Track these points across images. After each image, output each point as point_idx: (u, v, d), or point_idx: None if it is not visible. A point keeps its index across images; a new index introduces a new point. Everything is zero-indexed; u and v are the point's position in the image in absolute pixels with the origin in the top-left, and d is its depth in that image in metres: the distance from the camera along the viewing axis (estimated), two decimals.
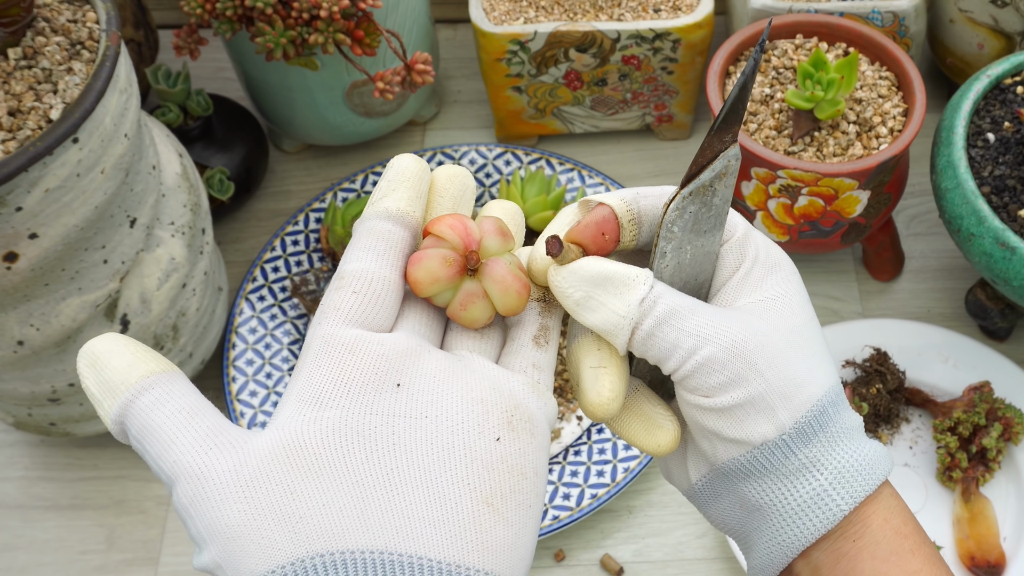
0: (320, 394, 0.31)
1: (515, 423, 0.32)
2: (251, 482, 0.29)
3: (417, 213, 0.35)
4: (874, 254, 0.78)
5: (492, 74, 0.81)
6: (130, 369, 0.32)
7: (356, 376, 0.31)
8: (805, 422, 0.34)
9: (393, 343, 0.32)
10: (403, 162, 0.35)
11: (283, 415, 0.31)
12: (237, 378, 0.74)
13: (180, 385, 0.32)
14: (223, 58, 0.94)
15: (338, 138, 0.85)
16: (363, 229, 0.34)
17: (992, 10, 0.78)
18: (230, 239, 0.84)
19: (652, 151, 0.88)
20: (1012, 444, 0.69)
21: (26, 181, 0.50)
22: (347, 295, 0.33)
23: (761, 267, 0.36)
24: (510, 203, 0.38)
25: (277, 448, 0.30)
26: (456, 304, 0.34)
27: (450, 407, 0.32)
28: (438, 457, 0.31)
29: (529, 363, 0.34)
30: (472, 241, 0.34)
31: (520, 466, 0.32)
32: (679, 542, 0.69)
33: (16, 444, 0.75)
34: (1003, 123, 0.67)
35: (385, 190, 0.35)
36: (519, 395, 0.33)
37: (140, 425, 0.31)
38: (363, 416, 0.31)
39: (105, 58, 0.53)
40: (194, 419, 0.31)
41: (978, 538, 0.66)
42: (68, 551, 0.70)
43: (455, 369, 0.33)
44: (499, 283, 0.34)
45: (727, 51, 0.70)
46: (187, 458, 0.30)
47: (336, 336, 0.32)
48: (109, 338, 0.33)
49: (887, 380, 0.71)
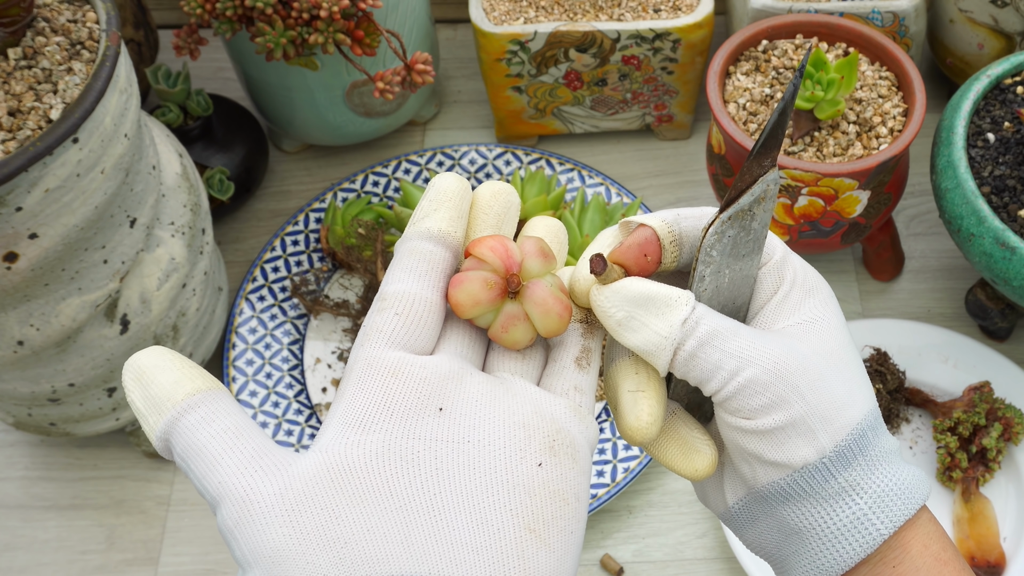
0: (363, 417, 0.31)
1: (557, 448, 0.32)
2: (296, 505, 0.29)
3: (459, 233, 0.35)
4: (874, 254, 0.78)
5: (492, 74, 0.81)
6: (176, 386, 0.32)
7: (399, 400, 0.31)
8: (845, 445, 0.34)
9: (435, 366, 0.32)
10: (445, 181, 0.35)
11: (327, 437, 0.31)
12: (237, 378, 0.74)
13: (226, 404, 0.32)
14: (223, 58, 0.94)
15: (338, 138, 0.85)
16: (405, 249, 0.34)
17: (992, 10, 0.78)
18: (230, 239, 0.84)
19: (652, 151, 0.88)
20: (1012, 444, 0.69)
21: (26, 181, 0.50)
22: (389, 317, 0.33)
23: (799, 290, 0.36)
24: (553, 220, 0.38)
25: (322, 471, 0.30)
26: (498, 326, 0.34)
27: (492, 431, 0.32)
28: (480, 482, 0.31)
29: (571, 385, 0.34)
30: (513, 263, 0.34)
31: (562, 491, 0.32)
32: (679, 542, 0.69)
33: (16, 444, 0.75)
34: (1003, 123, 0.67)
35: (427, 210, 0.35)
36: (561, 419, 0.33)
37: (185, 444, 0.31)
38: (406, 440, 0.31)
39: (105, 58, 0.53)
40: (239, 440, 0.31)
41: (978, 538, 0.66)
42: (68, 551, 0.70)
43: (497, 393, 0.33)
44: (540, 306, 0.34)
45: (727, 51, 0.70)
46: (232, 480, 0.30)
47: (379, 358, 0.32)
48: (156, 352, 0.33)
49: (887, 380, 0.71)
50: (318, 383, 0.75)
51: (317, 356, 0.76)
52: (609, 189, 0.82)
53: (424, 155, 0.84)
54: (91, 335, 0.61)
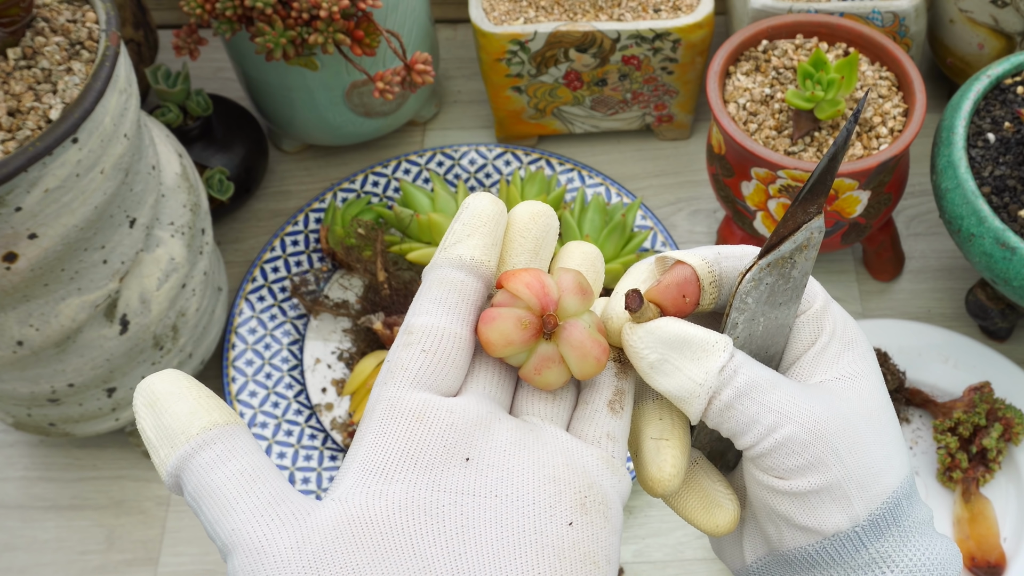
0: (386, 465, 0.29)
1: (588, 505, 0.30)
2: (314, 561, 0.28)
3: (492, 262, 0.33)
4: (874, 254, 0.78)
5: (492, 74, 0.81)
6: (192, 418, 0.30)
7: (424, 447, 0.30)
8: (879, 515, 0.32)
9: (463, 411, 0.30)
10: (480, 203, 0.33)
11: (346, 484, 0.29)
12: (237, 378, 0.73)
13: (243, 441, 0.30)
14: (223, 58, 0.94)
15: (338, 138, 0.85)
16: (434, 278, 0.32)
17: (992, 10, 0.78)
18: (230, 239, 0.84)
19: (652, 151, 0.88)
20: (1012, 444, 0.69)
21: (26, 181, 0.50)
22: (415, 353, 0.31)
23: (838, 343, 0.34)
24: (590, 247, 0.35)
25: (342, 523, 0.28)
26: (530, 368, 0.32)
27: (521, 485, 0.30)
28: (508, 542, 0.29)
29: (603, 433, 0.32)
30: (550, 303, 0.31)
31: (592, 553, 0.30)
32: (679, 542, 0.69)
33: (16, 444, 0.75)
34: (1003, 123, 0.67)
35: (459, 235, 0.33)
36: (593, 472, 0.31)
37: (197, 483, 0.29)
38: (431, 492, 0.29)
39: (105, 58, 0.53)
40: (256, 483, 0.29)
41: (978, 538, 0.66)
42: (68, 551, 0.70)
43: (526, 441, 0.31)
44: (578, 349, 0.32)
45: (727, 51, 0.70)
46: (247, 527, 0.28)
47: (403, 400, 0.30)
48: (171, 377, 0.31)
49: (887, 380, 0.71)
50: (318, 383, 0.75)
51: (317, 356, 0.76)
52: (609, 189, 0.82)
53: (424, 155, 0.84)
54: (91, 335, 0.60)
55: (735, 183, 0.70)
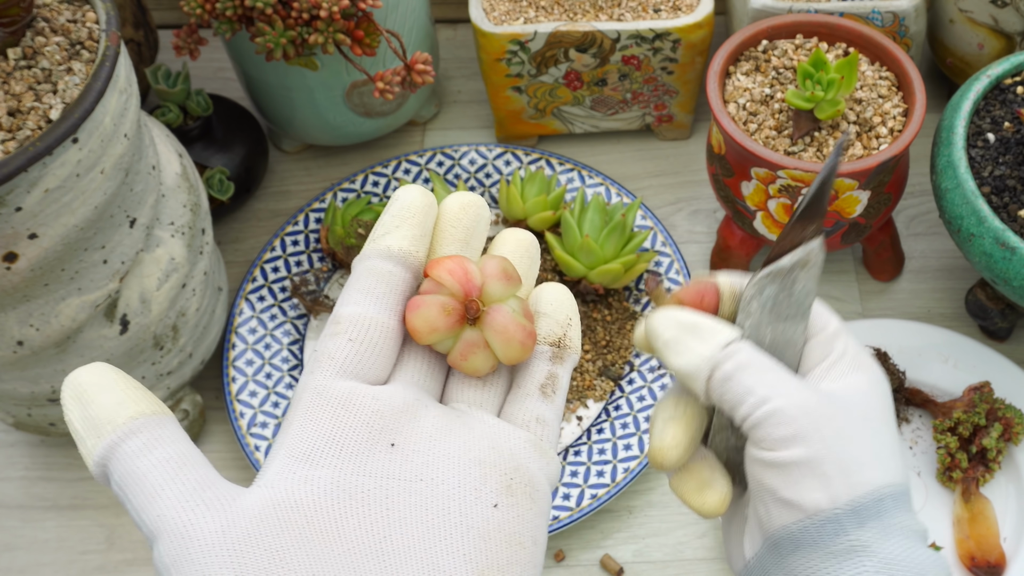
0: (311, 451, 0.30)
1: (514, 487, 0.31)
2: (239, 545, 0.28)
3: (421, 253, 0.33)
4: (874, 254, 0.78)
5: (492, 74, 0.81)
6: (118, 408, 0.30)
7: (349, 434, 0.30)
8: (861, 504, 0.33)
9: (388, 398, 0.31)
10: (409, 195, 0.33)
11: (272, 470, 0.30)
12: (237, 378, 0.74)
13: (170, 430, 0.30)
14: (223, 58, 0.94)
15: (338, 138, 0.85)
16: (362, 269, 0.33)
17: (992, 10, 0.78)
18: (230, 239, 0.84)
19: (652, 151, 0.88)
20: (1012, 444, 0.69)
21: (26, 181, 0.50)
22: (342, 343, 0.31)
23: (848, 363, 0.36)
24: (525, 234, 0.36)
25: (267, 508, 0.29)
26: (456, 354, 0.32)
27: (446, 469, 0.30)
28: (433, 524, 0.29)
29: (533, 416, 0.33)
30: (473, 288, 0.32)
31: (518, 534, 0.30)
32: (679, 542, 0.69)
33: (16, 444, 0.75)
34: (1003, 123, 0.67)
35: (388, 226, 0.33)
36: (520, 455, 0.31)
37: (123, 471, 0.29)
38: (356, 477, 0.29)
39: (105, 58, 0.53)
40: (182, 470, 0.29)
41: (978, 538, 0.66)
42: (68, 551, 0.70)
43: (453, 427, 0.31)
44: (501, 333, 0.32)
45: (727, 51, 0.70)
46: (172, 513, 0.29)
47: (329, 388, 0.31)
48: (99, 369, 0.31)
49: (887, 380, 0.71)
50: None
51: None
52: (609, 189, 0.82)
53: (424, 155, 0.84)
54: (91, 335, 0.61)
55: (735, 183, 0.70)
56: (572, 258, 0.75)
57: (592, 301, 0.77)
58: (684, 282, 0.75)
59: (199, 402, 0.73)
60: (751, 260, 0.78)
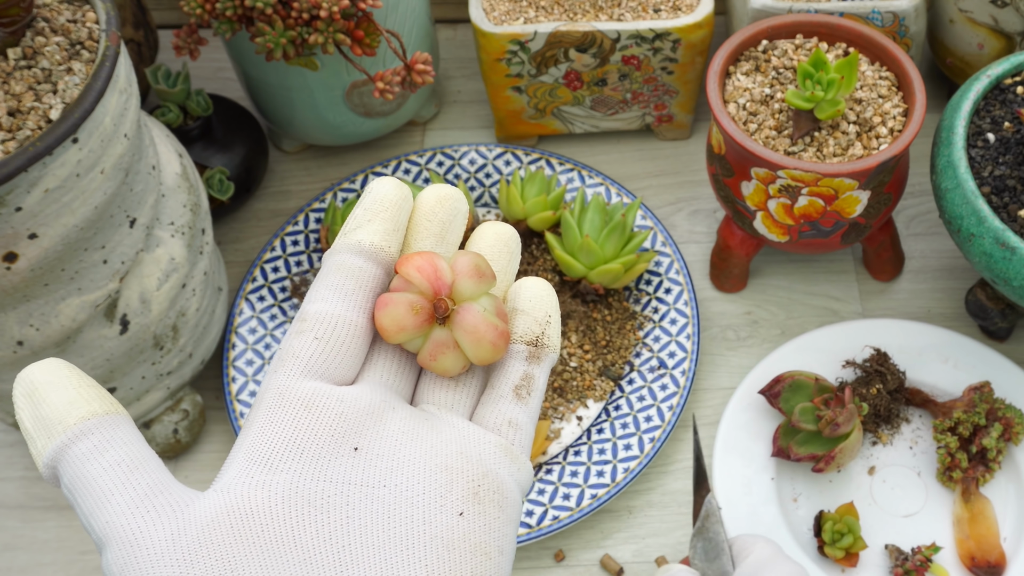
0: (270, 455, 0.28)
1: (482, 495, 0.29)
2: (189, 553, 0.27)
3: (393, 248, 0.32)
4: (874, 254, 0.78)
5: (492, 74, 0.81)
6: (70, 408, 0.29)
7: (311, 437, 0.29)
8: None
9: (354, 400, 0.30)
10: (382, 188, 0.32)
11: (229, 475, 0.28)
12: (237, 378, 0.74)
13: (123, 432, 0.29)
14: (223, 58, 0.94)
15: (338, 138, 0.85)
16: (332, 264, 0.31)
17: (992, 10, 0.78)
18: (230, 239, 0.84)
19: (652, 151, 0.88)
20: (1012, 444, 0.69)
21: (26, 181, 0.50)
22: (308, 341, 0.30)
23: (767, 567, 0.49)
24: (504, 227, 0.35)
25: (220, 515, 0.27)
26: (426, 354, 0.31)
27: (411, 476, 0.29)
28: (395, 534, 0.28)
29: (505, 420, 0.32)
30: (442, 286, 0.31)
31: (484, 544, 0.29)
32: (679, 542, 0.69)
33: (16, 444, 0.75)
34: (1003, 123, 0.67)
35: (360, 220, 0.32)
36: (488, 461, 0.30)
37: (73, 474, 0.28)
38: (316, 483, 0.28)
39: (105, 58, 0.53)
40: (133, 474, 0.28)
41: (978, 538, 0.66)
42: (68, 551, 0.70)
43: (420, 431, 0.30)
44: (471, 333, 0.31)
45: (727, 51, 0.70)
46: (121, 520, 0.27)
47: (292, 389, 0.29)
48: (52, 366, 0.30)
49: (887, 380, 0.71)
50: None
51: None
52: (609, 189, 0.82)
53: (424, 155, 0.84)
54: (91, 335, 0.61)
55: (735, 183, 0.70)
56: (572, 258, 0.75)
57: (592, 301, 0.77)
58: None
59: (199, 402, 0.73)
60: (751, 260, 0.78)
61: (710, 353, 0.77)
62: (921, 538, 0.67)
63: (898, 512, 0.68)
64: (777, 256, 0.81)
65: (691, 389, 0.72)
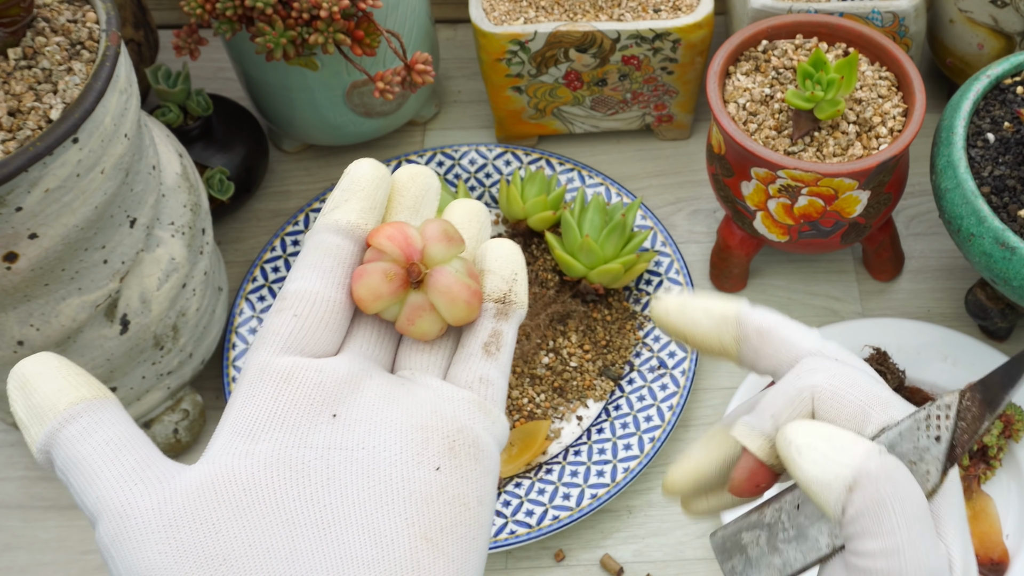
0: (252, 426, 0.30)
1: (457, 449, 0.30)
2: (174, 521, 0.28)
3: (370, 226, 0.33)
4: (874, 254, 0.78)
5: (492, 74, 0.81)
6: (59, 395, 0.30)
7: (291, 407, 0.30)
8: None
9: (332, 370, 0.31)
10: (359, 169, 0.33)
11: (214, 448, 0.30)
12: (237, 378, 0.73)
13: (111, 413, 0.30)
14: (223, 58, 0.94)
15: (338, 138, 0.85)
16: (311, 243, 0.33)
17: (992, 10, 0.78)
18: (230, 239, 0.84)
19: (652, 151, 0.88)
20: (1013, 441, 0.69)
21: (26, 181, 0.50)
22: (287, 319, 0.31)
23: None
24: (473, 203, 0.36)
25: (205, 483, 0.28)
26: (403, 319, 0.32)
27: (388, 437, 0.30)
28: (374, 491, 0.29)
29: (476, 376, 0.33)
30: (413, 252, 0.32)
31: (462, 496, 0.30)
32: (679, 542, 0.69)
33: (16, 444, 0.75)
34: (1003, 123, 0.67)
35: (338, 200, 0.33)
36: (463, 417, 0.31)
37: (65, 456, 0.29)
38: (297, 449, 0.29)
39: (105, 58, 0.53)
40: (122, 451, 0.29)
41: (981, 536, 0.66)
42: (68, 551, 0.70)
43: (396, 395, 0.31)
44: (445, 294, 0.32)
45: (727, 51, 0.70)
46: (111, 494, 0.28)
47: (271, 364, 0.31)
48: (42, 359, 0.31)
49: (887, 379, 0.71)
50: None
51: None
52: (609, 189, 0.82)
53: (424, 155, 0.84)
54: (91, 335, 0.61)
55: (735, 183, 0.70)
56: (572, 258, 0.75)
57: (592, 301, 0.77)
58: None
59: (199, 402, 0.73)
60: (751, 260, 0.78)
61: None
62: None
63: None
64: (777, 256, 0.82)
65: (691, 389, 0.72)
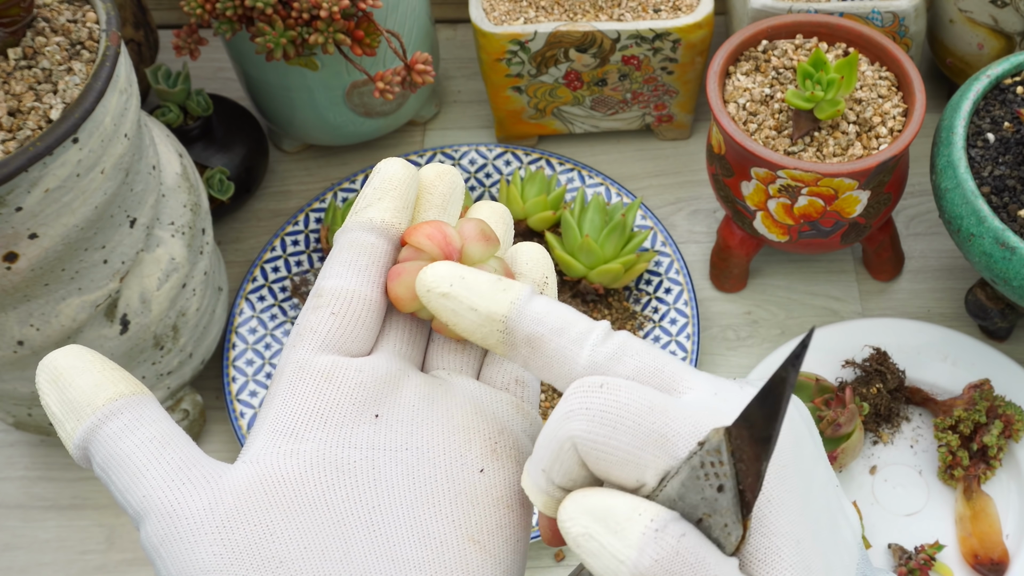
0: (295, 425, 0.29)
1: (499, 450, 0.31)
2: (227, 521, 0.28)
3: (403, 225, 0.33)
4: (874, 254, 0.78)
5: (492, 74, 0.81)
6: (97, 390, 0.29)
7: (332, 406, 0.30)
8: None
9: (371, 369, 0.31)
10: (391, 168, 0.34)
11: (256, 446, 0.29)
12: (237, 378, 0.73)
13: (151, 411, 0.30)
14: (223, 58, 0.94)
15: (338, 138, 0.85)
16: (345, 241, 0.33)
17: (992, 10, 0.78)
18: (230, 239, 0.84)
19: (652, 151, 0.88)
20: (1013, 441, 0.69)
21: (26, 181, 0.50)
22: (324, 316, 0.31)
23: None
24: (498, 204, 0.37)
25: (254, 483, 0.28)
26: None
27: (431, 437, 0.30)
28: (421, 492, 0.29)
29: (512, 378, 0.33)
30: (452, 251, 0.32)
31: (506, 497, 0.30)
32: None
33: (16, 444, 0.75)
34: (1003, 123, 0.67)
35: (370, 198, 0.33)
36: (503, 418, 0.31)
37: (106, 454, 0.29)
38: (341, 449, 0.29)
39: (105, 58, 0.53)
40: (165, 449, 0.29)
41: (981, 536, 0.66)
42: (68, 551, 0.70)
43: (435, 395, 0.31)
44: None
45: (727, 51, 0.70)
46: (158, 493, 0.28)
47: (311, 363, 0.30)
48: (74, 352, 0.30)
49: (887, 379, 0.71)
50: None
51: None
52: (609, 189, 0.82)
53: (424, 155, 0.84)
54: (91, 335, 0.60)
55: (735, 183, 0.70)
56: (572, 258, 0.75)
57: (592, 301, 0.77)
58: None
59: (199, 402, 0.73)
60: (751, 260, 0.78)
61: (710, 353, 0.77)
62: (924, 537, 0.67)
63: (900, 511, 0.68)
64: (777, 256, 0.82)
65: None
